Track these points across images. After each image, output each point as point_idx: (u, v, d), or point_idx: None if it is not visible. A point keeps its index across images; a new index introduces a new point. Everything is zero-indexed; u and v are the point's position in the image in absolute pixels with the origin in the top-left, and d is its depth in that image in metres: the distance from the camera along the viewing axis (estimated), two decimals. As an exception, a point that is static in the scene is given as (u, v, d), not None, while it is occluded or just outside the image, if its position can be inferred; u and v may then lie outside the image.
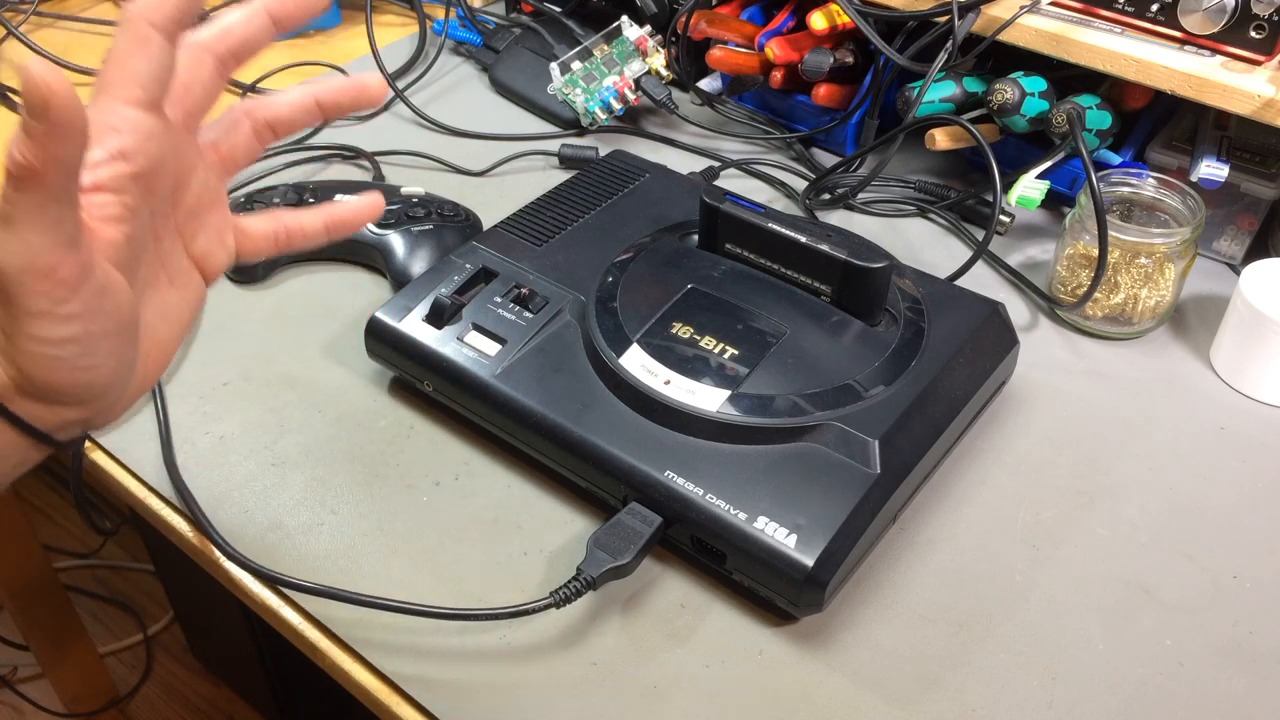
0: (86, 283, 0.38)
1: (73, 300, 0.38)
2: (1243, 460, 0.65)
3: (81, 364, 0.39)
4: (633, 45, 0.91)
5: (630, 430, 0.58)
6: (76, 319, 0.38)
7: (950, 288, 0.69)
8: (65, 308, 0.37)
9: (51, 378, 0.39)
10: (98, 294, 0.39)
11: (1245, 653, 0.54)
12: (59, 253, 0.36)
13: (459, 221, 0.77)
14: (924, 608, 0.56)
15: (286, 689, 1.15)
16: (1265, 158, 0.78)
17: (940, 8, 0.78)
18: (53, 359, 0.38)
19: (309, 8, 0.46)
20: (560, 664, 0.53)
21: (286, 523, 0.59)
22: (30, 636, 1.25)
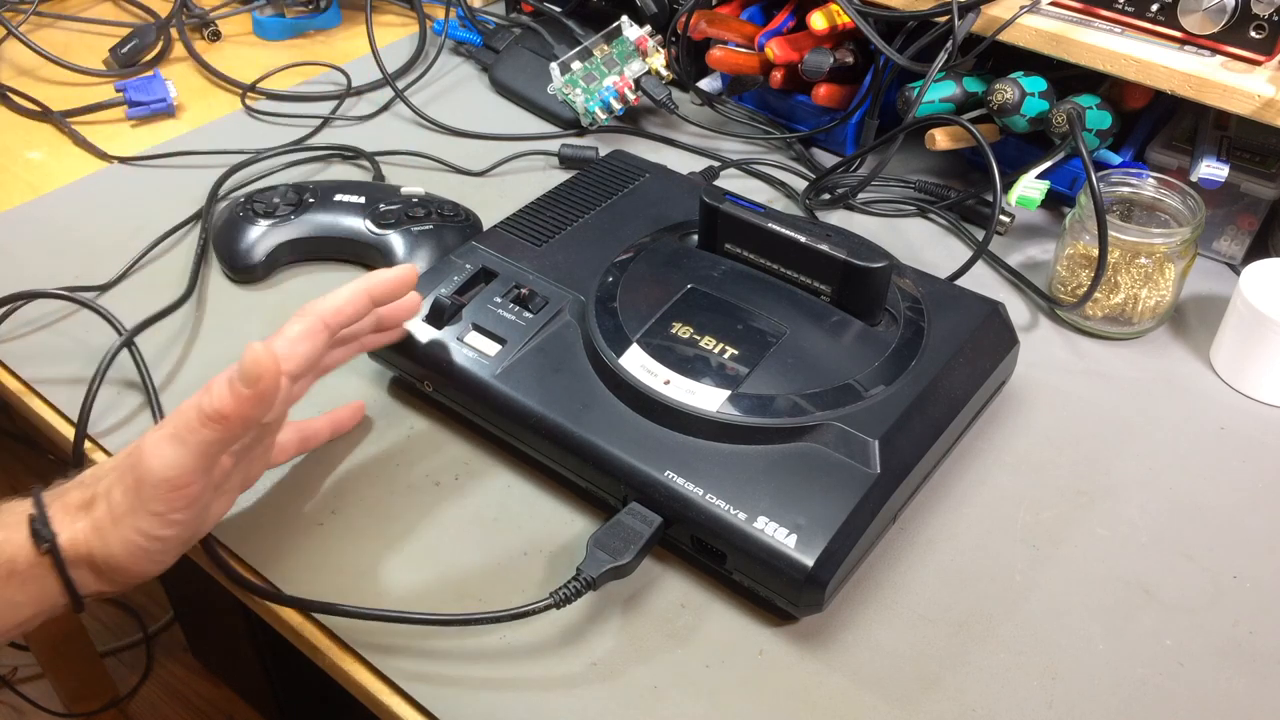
0: (201, 501, 0.47)
1: (185, 513, 0.47)
2: (1243, 460, 0.65)
3: (158, 559, 0.48)
4: (633, 45, 0.91)
5: (630, 430, 0.58)
6: (178, 525, 0.47)
7: (950, 288, 0.69)
8: (176, 515, 0.47)
9: (131, 565, 0.48)
10: (202, 511, 0.48)
11: (1245, 653, 0.54)
12: (197, 476, 0.46)
13: (459, 221, 0.77)
14: (924, 608, 0.56)
15: (286, 689, 1.15)
16: (1265, 158, 0.78)
17: (940, 8, 0.78)
18: (142, 550, 0.47)
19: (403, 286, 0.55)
20: (560, 664, 0.53)
21: (286, 523, 0.59)
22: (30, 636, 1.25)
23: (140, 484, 0.46)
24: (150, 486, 0.46)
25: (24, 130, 0.94)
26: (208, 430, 0.45)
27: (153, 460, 0.46)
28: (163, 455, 0.45)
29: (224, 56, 1.04)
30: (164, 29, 1.04)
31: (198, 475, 0.46)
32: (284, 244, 0.76)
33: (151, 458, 0.46)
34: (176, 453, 0.45)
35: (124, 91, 0.95)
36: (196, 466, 0.46)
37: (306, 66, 1.02)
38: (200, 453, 0.46)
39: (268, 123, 0.95)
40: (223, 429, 0.45)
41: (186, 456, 0.46)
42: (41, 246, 0.79)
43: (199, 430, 0.45)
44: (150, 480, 0.45)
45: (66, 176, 0.87)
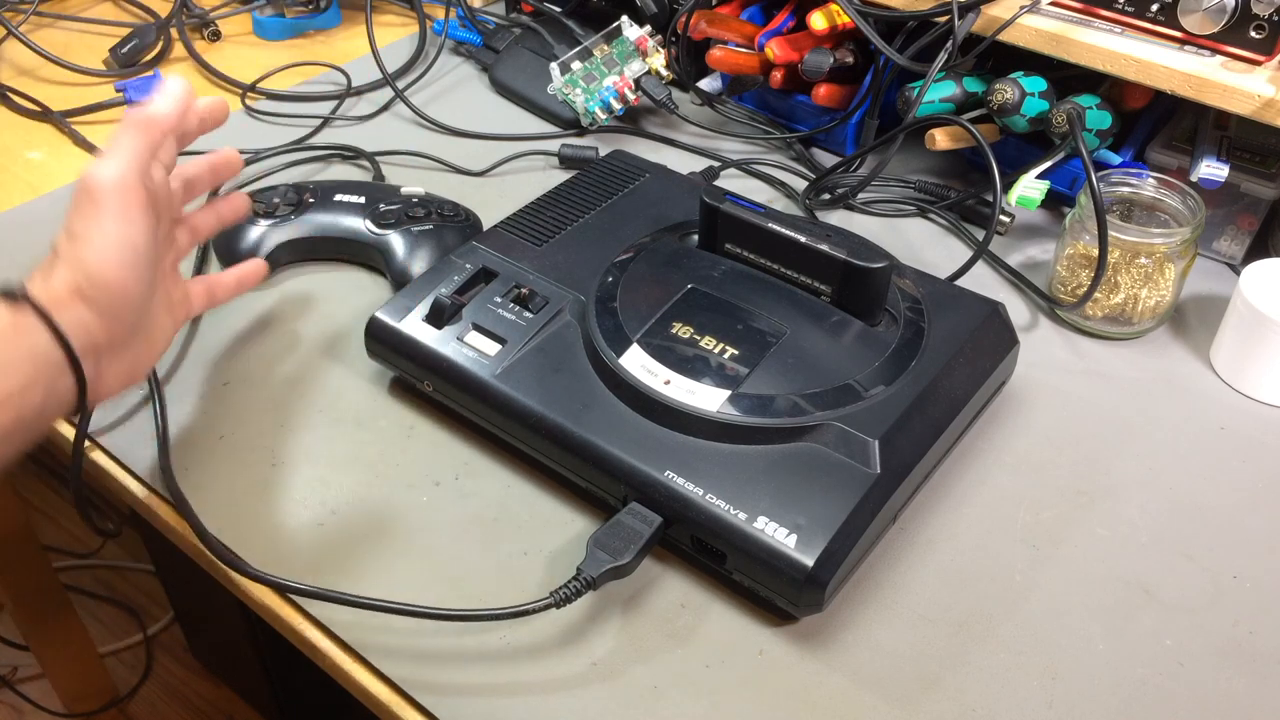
0: (149, 214, 0.53)
1: (139, 220, 0.52)
2: (1243, 460, 0.65)
3: (130, 266, 0.52)
4: (633, 45, 0.91)
5: (630, 430, 0.58)
6: (139, 231, 0.52)
7: (950, 288, 0.69)
8: (134, 218, 0.52)
9: (108, 268, 0.51)
10: (152, 228, 0.53)
11: (1245, 653, 0.54)
12: (135, 183, 0.52)
13: (459, 221, 0.77)
14: (924, 608, 0.56)
15: (286, 689, 1.15)
16: (1265, 158, 0.78)
17: (940, 8, 0.78)
18: (115, 252, 0.52)
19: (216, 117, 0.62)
20: (560, 664, 0.53)
21: (286, 523, 0.59)
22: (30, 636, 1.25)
23: (92, 199, 0.51)
24: (102, 193, 0.51)
25: (24, 130, 0.94)
26: (133, 135, 0.53)
27: (96, 171, 0.52)
28: (102, 165, 0.52)
29: (224, 56, 1.04)
30: (164, 29, 1.04)
31: (135, 182, 0.52)
32: (284, 244, 0.76)
33: (94, 170, 0.52)
34: (113, 159, 0.52)
35: (124, 91, 0.95)
36: (134, 168, 0.52)
37: (306, 66, 1.02)
38: (132, 156, 0.52)
39: (268, 123, 0.95)
40: (145, 130, 0.53)
41: (123, 159, 0.52)
42: (41, 246, 0.79)
43: (126, 137, 0.53)
44: (100, 188, 0.51)
45: (66, 176, 0.87)
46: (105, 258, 0.52)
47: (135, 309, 0.54)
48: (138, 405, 0.66)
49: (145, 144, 0.54)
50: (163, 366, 0.69)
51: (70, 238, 0.52)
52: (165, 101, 0.55)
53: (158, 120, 0.55)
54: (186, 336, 0.71)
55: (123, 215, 0.52)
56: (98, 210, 0.52)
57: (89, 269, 0.51)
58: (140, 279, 0.53)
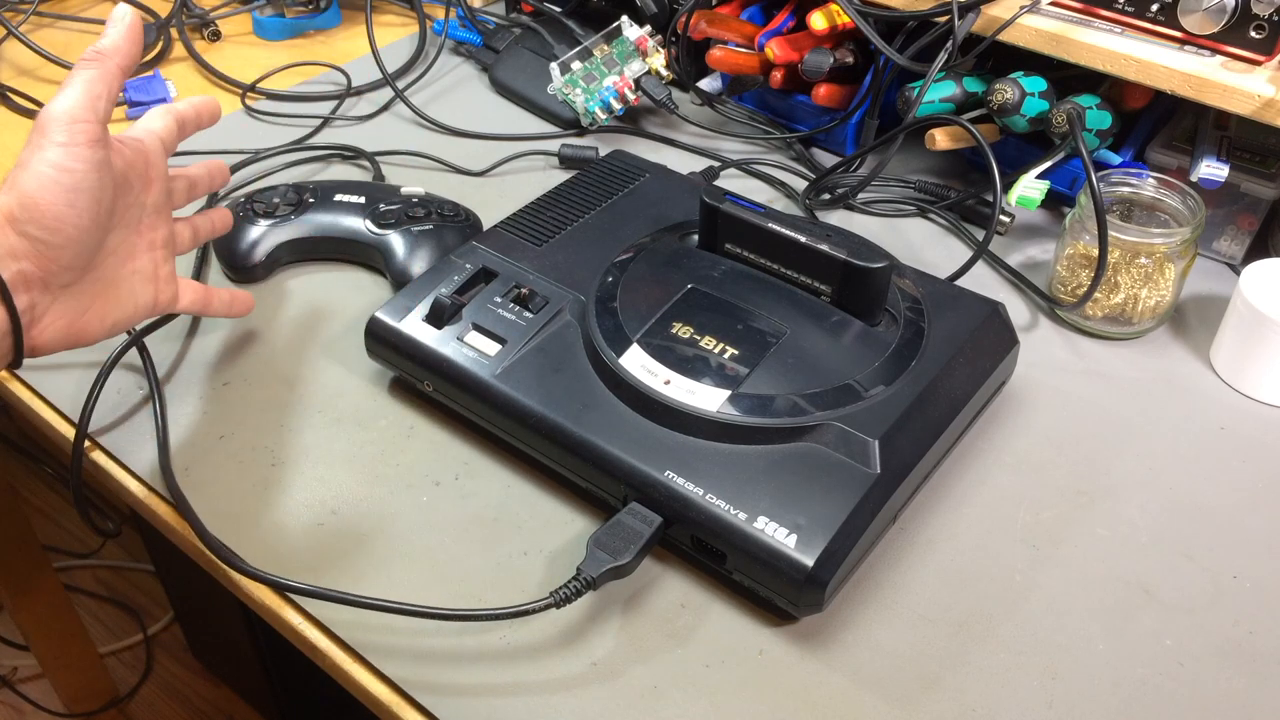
0: (97, 147, 0.52)
1: (84, 150, 0.51)
2: (1243, 460, 0.65)
3: (68, 196, 0.51)
4: (633, 45, 0.91)
5: (630, 430, 0.58)
6: (83, 162, 0.51)
7: (950, 288, 0.69)
8: (80, 148, 0.51)
9: (42, 196, 0.51)
10: (100, 164, 0.52)
11: (1245, 653, 0.54)
12: (90, 117, 0.52)
13: (459, 221, 0.77)
14: (924, 608, 0.56)
15: (286, 689, 1.15)
16: (1265, 158, 0.78)
17: (940, 8, 0.78)
18: (51, 180, 0.51)
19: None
20: (560, 664, 0.53)
21: (286, 523, 0.59)
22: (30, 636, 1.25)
23: (41, 128, 0.51)
24: (51, 123, 0.51)
25: (24, 130, 0.94)
26: (87, 66, 0.53)
27: (50, 106, 0.52)
28: (56, 99, 0.52)
29: (224, 56, 1.04)
30: (164, 29, 1.04)
31: (90, 116, 0.52)
32: (284, 244, 0.76)
33: (48, 106, 0.52)
34: (67, 93, 0.52)
35: (124, 91, 0.95)
36: (84, 105, 0.52)
37: (306, 66, 1.02)
38: (85, 94, 0.52)
39: (268, 123, 0.95)
40: (98, 62, 0.54)
41: (75, 92, 0.52)
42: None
43: (79, 72, 0.53)
44: (49, 118, 0.51)
45: (66, 176, 0.87)
46: (41, 184, 0.51)
47: (76, 242, 0.52)
48: (138, 405, 0.66)
49: (97, 77, 0.53)
50: (162, 366, 0.69)
51: (15, 168, 0.52)
52: (114, 31, 0.55)
53: (107, 52, 0.54)
54: (186, 336, 0.71)
55: (66, 145, 0.51)
56: (41, 139, 0.51)
57: (22, 192, 0.51)
58: (81, 210, 0.52)
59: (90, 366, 0.67)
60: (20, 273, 0.51)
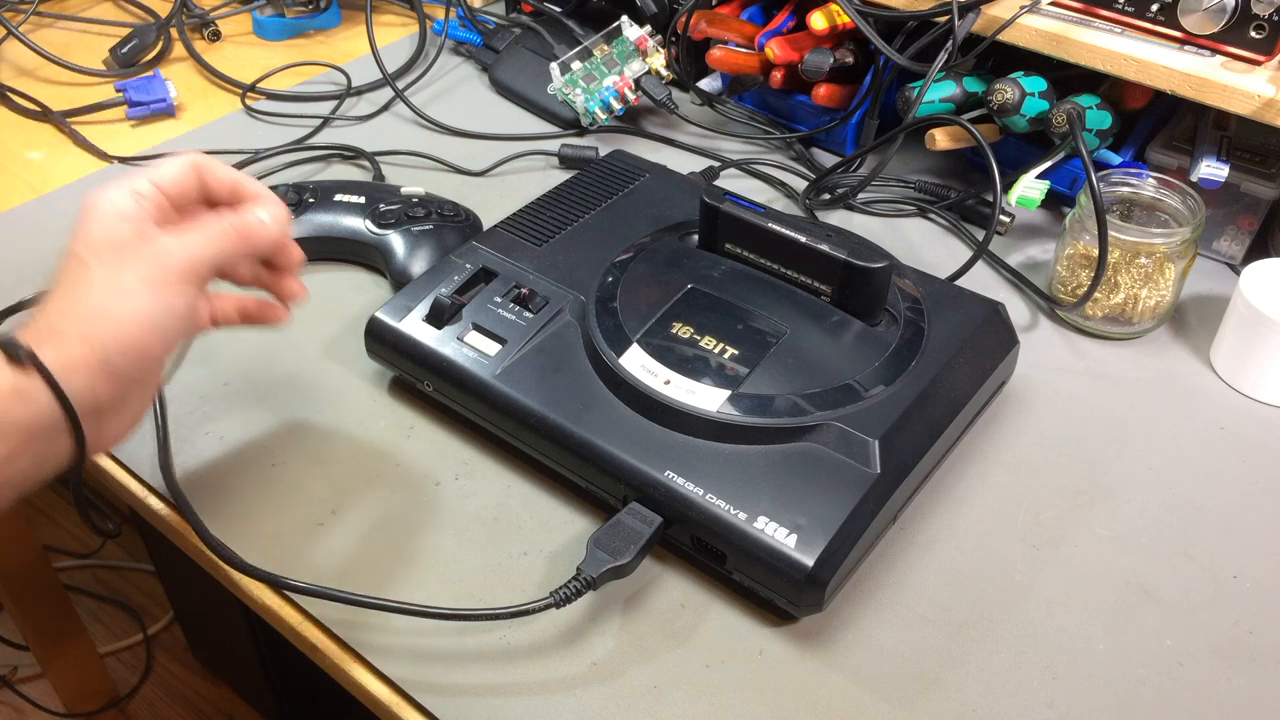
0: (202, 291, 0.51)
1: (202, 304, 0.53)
2: (1243, 460, 0.65)
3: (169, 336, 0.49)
4: (633, 45, 0.91)
5: (630, 430, 0.58)
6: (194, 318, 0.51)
7: (950, 288, 0.69)
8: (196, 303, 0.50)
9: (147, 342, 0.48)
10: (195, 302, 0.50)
11: (1245, 653, 0.54)
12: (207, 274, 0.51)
13: (459, 221, 0.77)
14: (924, 608, 0.56)
15: (286, 689, 1.15)
16: (1265, 158, 0.78)
17: (940, 8, 0.78)
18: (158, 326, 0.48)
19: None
20: (560, 664, 0.53)
21: (286, 523, 0.59)
22: (30, 636, 1.25)
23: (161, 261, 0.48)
24: (177, 265, 0.48)
25: (24, 130, 0.94)
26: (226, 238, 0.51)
27: (186, 251, 0.49)
28: (191, 240, 0.49)
29: (224, 56, 1.04)
30: (164, 29, 1.04)
31: (212, 269, 0.50)
32: (284, 244, 0.76)
33: (185, 250, 0.49)
34: (203, 240, 0.50)
35: (124, 91, 0.95)
36: (214, 258, 0.50)
37: (306, 66, 1.02)
38: (219, 246, 0.50)
39: (268, 123, 0.95)
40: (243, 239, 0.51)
41: (210, 245, 0.50)
42: (42, 247, 0.79)
43: (219, 234, 0.50)
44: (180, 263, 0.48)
45: (66, 176, 0.87)
46: (145, 328, 0.47)
47: (152, 371, 0.50)
48: (138, 405, 0.66)
49: (235, 246, 0.51)
50: (163, 366, 0.69)
51: (110, 291, 0.47)
52: (274, 226, 0.52)
53: (259, 241, 0.52)
54: (186, 336, 0.71)
55: (190, 300, 0.49)
56: (163, 273, 0.48)
57: (120, 341, 0.47)
58: (168, 345, 0.49)
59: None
60: (96, 406, 0.47)
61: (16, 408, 0.45)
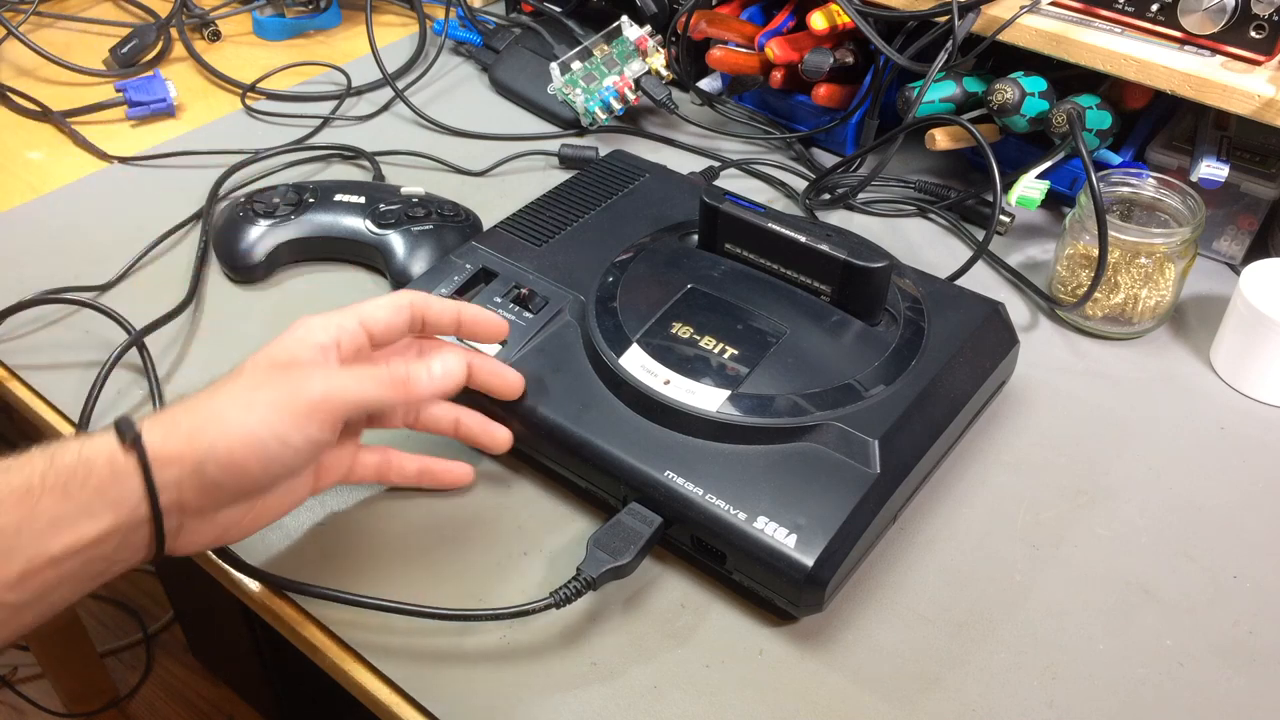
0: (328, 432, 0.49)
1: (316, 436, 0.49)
2: (1243, 460, 0.65)
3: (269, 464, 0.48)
4: (633, 45, 0.91)
5: (630, 430, 0.58)
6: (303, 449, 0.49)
7: (950, 288, 0.69)
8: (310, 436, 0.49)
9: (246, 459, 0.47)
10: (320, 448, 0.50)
11: (1245, 653, 0.54)
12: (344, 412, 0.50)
13: (459, 221, 0.77)
14: (924, 608, 0.56)
15: (286, 689, 1.15)
16: (1265, 158, 0.78)
17: (940, 8, 0.78)
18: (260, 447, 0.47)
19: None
20: (560, 664, 0.53)
21: (286, 523, 0.59)
22: (30, 636, 1.25)
23: (293, 395, 0.48)
24: (312, 405, 0.48)
25: (24, 130, 0.94)
26: (379, 383, 0.51)
27: (320, 386, 0.49)
28: (334, 388, 0.49)
29: (224, 56, 1.04)
30: (164, 29, 1.04)
31: (348, 407, 0.49)
32: (284, 244, 0.76)
33: (320, 385, 0.49)
34: (345, 389, 0.49)
35: (124, 91, 0.95)
36: (353, 398, 0.50)
37: (306, 66, 1.02)
38: (361, 385, 0.50)
39: (268, 123, 0.95)
40: (390, 384, 0.51)
41: (351, 382, 0.50)
42: (41, 246, 0.79)
43: (381, 391, 0.50)
44: (310, 398, 0.48)
45: (66, 176, 0.87)
46: (248, 446, 0.46)
47: (246, 493, 0.49)
48: (138, 405, 0.66)
49: (380, 383, 0.50)
50: (162, 366, 0.69)
51: (227, 400, 0.47)
52: (441, 381, 0.52)
53: (422, 390, 0.51)
54: (187, 337, 0.71)
55: (304, 430, 0.48)
56: (285, 399, 0.47)
57: (217, 449, 0.46)
58: (268, 471, 0.48)
59: (90, 366, 0.67)
60: (179, 505, 0.47)
61: (112, 488, 0.45)
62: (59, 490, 0.43)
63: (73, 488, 0.44)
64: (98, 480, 0.44)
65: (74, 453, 0.45)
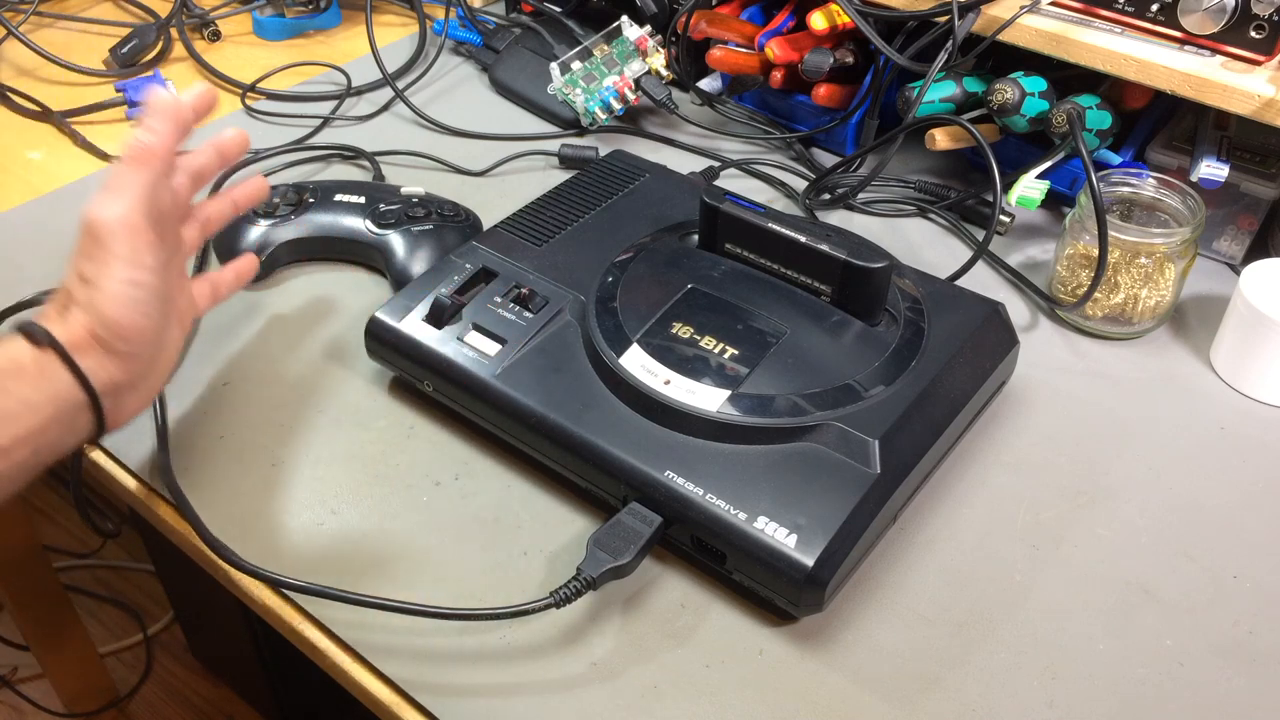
0: (158, 251, 0.52)
1: (151, 257, 0.52)
2: (1243, 460, 0.65)
3: (145, 307, 0.52)
4: (633, 45, 0.91)
5: (630, 430, 0.58)
6: (149, 270, 0.52)
7: (950, 288, 0.69)
8: (145, 259, 0.51)
9: (123, 316, 0.51)
10: (163, 265, 0.53)
11: (1245, 653, 0.54)
12: (141, 222, 0.51)
13: (459, 221, 0.77)
14: (924, 608, 0.56)
15: (286, 689, 1.15)
16: (1265, 158, 0.78)
17: (940, 8, 0.78)
18: (128, 298, 0.51)
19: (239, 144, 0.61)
20: (560, 664, 0.53)
21: (286, 523, 0.59)
22: (30, 636, 1.25)
23: (99, 242, 0.51)
24: (109, 236, 0.51)
25: (24, 130, 0.94)
26: (135, 170, 0.52)
27: (100, 212, 0.51)
28: (107, 206, 0.51)
29: (224, 56, 1.04)
30: (164, 29, 1.04)
31: (144, 217, 0.51)
32: (284, 244, 0.76)
33: (99, 211, 0.51)
34: (118, 199, 0.51)
35: (124, 91, 0.95)
36: (139, 207, 0.51)
37: (306, 66, 1.02)
38: (137, 194, 0.51)
39: (268, 123, 0.95)
40: (147, 163, 0.52)
41: (128, 198, 0.51)
42: (42, 246, 0.79)
43: (129, 173, 0.52)
44: (106, 230, 0.51)
45: (66, 176, 0.87)
46: (119, 304, 0.51)
47: (152, 345, 0.54)
48: (138, 405, 0.66)
49: (147, 177, 0.52)
50: (163, 366, 0.69)
51: (82, 282, 0.51)
52: (157, 124, 0.53)
53: (154, 149, 0.53)
54: (187, 336, 0.71)
55: (131, 259, 0.51)
56: (105, 254, 0.51)
57: (104, 317, 0.51)
58: (154, 319, 0.53)
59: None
60: (112, 384, 0.52)
61: (42, 382, 0.50)
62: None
63: (10, 386, 0.49)
64: (29, 376, 0.50)
65: (2, 357, 0.50)
